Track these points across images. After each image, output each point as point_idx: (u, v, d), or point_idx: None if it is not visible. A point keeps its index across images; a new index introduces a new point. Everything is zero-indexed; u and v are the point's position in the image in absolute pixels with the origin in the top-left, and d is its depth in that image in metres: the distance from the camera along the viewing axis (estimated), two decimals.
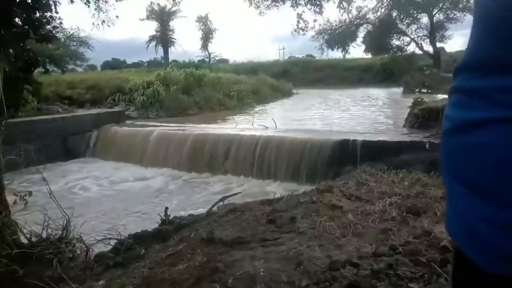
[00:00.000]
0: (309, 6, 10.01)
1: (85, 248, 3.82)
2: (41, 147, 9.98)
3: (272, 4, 10.80)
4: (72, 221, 3.88)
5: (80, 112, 13.24)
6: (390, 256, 2.09)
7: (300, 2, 10.11)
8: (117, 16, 8.26)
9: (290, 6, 10.28)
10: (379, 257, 2.13)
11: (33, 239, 3.67)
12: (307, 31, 11.25)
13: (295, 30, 11.44)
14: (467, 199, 0.56)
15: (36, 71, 4.34)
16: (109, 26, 7.84)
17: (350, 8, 11.25)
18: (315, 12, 10.11)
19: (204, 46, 40.29)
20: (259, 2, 10.93)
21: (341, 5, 10.58)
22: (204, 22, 39.28)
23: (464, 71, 0.59)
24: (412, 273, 1.88)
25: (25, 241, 3.67)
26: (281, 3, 10.63)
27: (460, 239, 0.61)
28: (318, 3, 9.94)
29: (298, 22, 10.87)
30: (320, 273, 2.05)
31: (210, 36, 39.84)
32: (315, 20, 10.84)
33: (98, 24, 7.43)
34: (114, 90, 15.94)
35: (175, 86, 15.88)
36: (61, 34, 21.43)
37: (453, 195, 0.60)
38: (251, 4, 11.02)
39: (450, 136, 0.60)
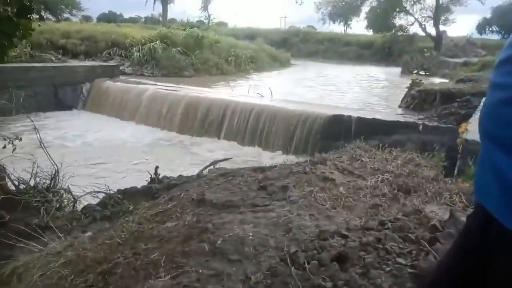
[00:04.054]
0: None
1: (72, 200, 3.81)
2: (32, 95, 9.81)
3: None
4: (61, 172, 3.86)
5: (74, 63, 12.95)
6: (379, 231, 2.10)
7: None
8: None
9: None
10: (367, 230, 2.14)
11: (21, 186, 3.65)
12: None
13: None
14: None
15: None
16: None
17: None
18: None
19: (204, 7, 39.20)
20: None
21: None
22: None
23: None
24: (401, 248, 1.89)
25: (12, 187, 3.64)
26: None
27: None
28: None
29: None
30: (308, 242, 2.07)
31: None
32: None
33: None
34: (110, 44, 15.55)
35: (174, 47, 15.55)
36: None
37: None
38: None
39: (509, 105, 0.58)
